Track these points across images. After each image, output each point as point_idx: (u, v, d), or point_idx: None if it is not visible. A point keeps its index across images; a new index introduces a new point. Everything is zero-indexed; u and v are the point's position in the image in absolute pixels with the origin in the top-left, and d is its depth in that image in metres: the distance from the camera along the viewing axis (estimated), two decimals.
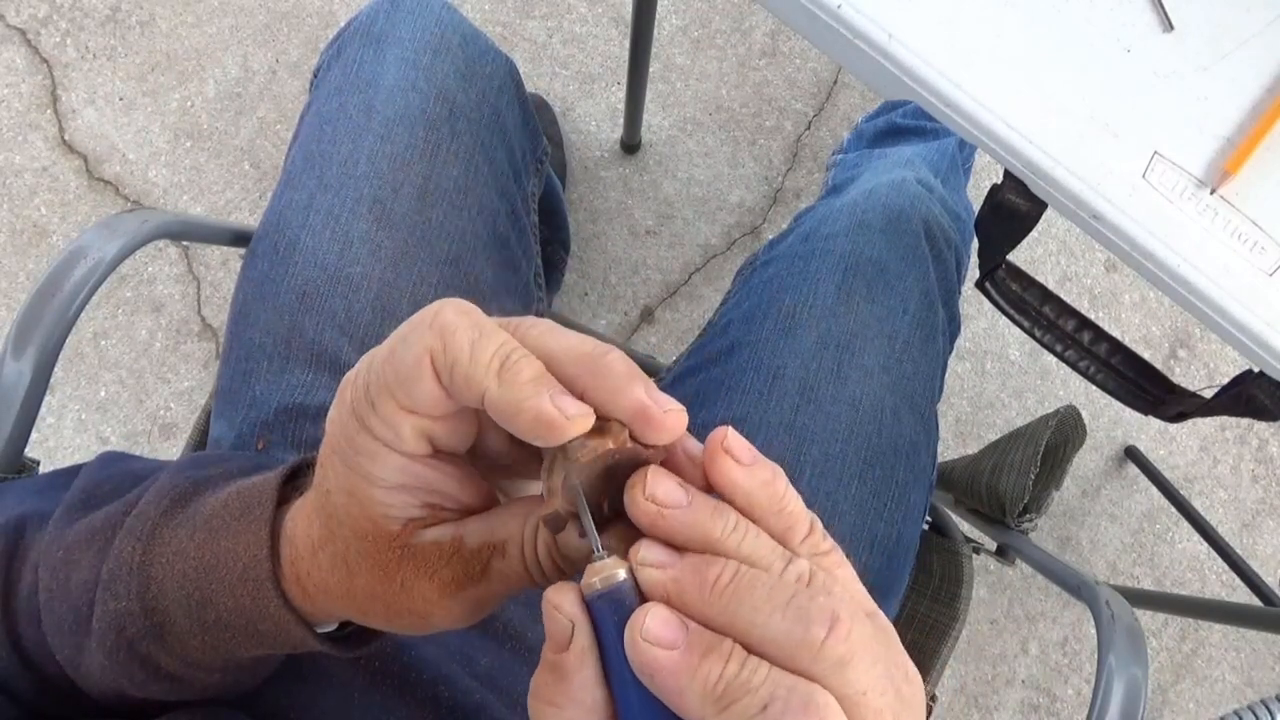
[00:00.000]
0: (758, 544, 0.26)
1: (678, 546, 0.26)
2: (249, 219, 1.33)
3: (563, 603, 0.25)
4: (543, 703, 0.25)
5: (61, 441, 1.27)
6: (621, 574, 0.25)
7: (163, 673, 0.34)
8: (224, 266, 1.32)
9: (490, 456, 0.31)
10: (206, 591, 0.32)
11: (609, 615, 0.25)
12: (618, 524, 0.28)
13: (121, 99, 1.33)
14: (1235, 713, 0.59)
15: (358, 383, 0.28)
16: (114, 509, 0.36)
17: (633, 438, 0.27)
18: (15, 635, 0.37)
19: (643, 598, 0.25)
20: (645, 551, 0.25)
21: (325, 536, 0.30)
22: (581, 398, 0.26)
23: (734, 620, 0.24)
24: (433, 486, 0.29)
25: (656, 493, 0.26)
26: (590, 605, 0.25)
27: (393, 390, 0.27)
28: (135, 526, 0.34)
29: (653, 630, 0.24)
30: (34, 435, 0.59)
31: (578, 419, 0.25)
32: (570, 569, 0.28)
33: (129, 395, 1.28)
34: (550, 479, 0.27)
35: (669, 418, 0.26)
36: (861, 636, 0.24)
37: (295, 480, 0.34)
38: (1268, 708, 0.59)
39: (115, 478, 0.39)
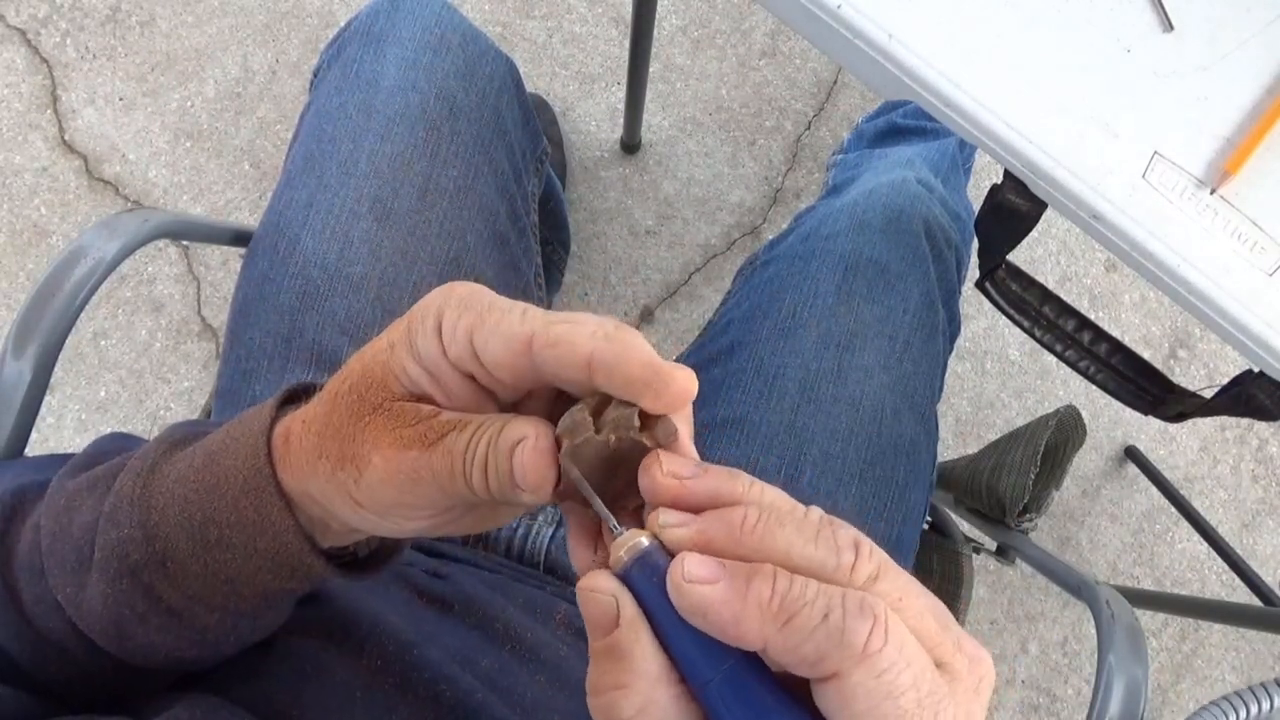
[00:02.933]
0: (776, 495, 0.27)
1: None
2: (249, 219, 1.33)
3: (597, 583, 0.26)
4: (608, 690, 0.25)
5: (61, 441, 1.27)
6: (645, 541, 0.26)
7: (163, 605, 0.35)
8: (224, 266, 1.32)
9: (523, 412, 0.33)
10: (208, 511, 0.33)
11: (644, 581, 0.26)
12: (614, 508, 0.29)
13: (121, 99, 1.33)
14: (1236, 692, 0.59)
15: (473, 293, 0.30)
16: (115, 462, 0.37)
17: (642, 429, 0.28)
18: (15, 594, 0.37)
19: (670, 559, 0.26)
20: (664, 516, 0.26)
21: (339, 375, 0.32)
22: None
23: (767, 558, 0.25)
24: (450, 389, 0.30)
25: (673, 468, 0.27)
26: (624, 579, 0.26)
27: (478, 325, 0.29)
28: (136, 466, 0.36)
29: (692, 570, 0.24)
30: (34, 435, 0.59)
31: (686, 372, 0.27)
32: (494, 463, 0.29)
33: (129, 395, 1.28)
34: (563, 437, 0.28)
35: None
36: (880, 554, 0.25)
37: (290, 406, 0.35)
38: (1267, 690, 0.59)
39: (121, 450, 0.40)
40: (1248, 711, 0.59)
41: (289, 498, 0.33)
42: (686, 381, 0.27)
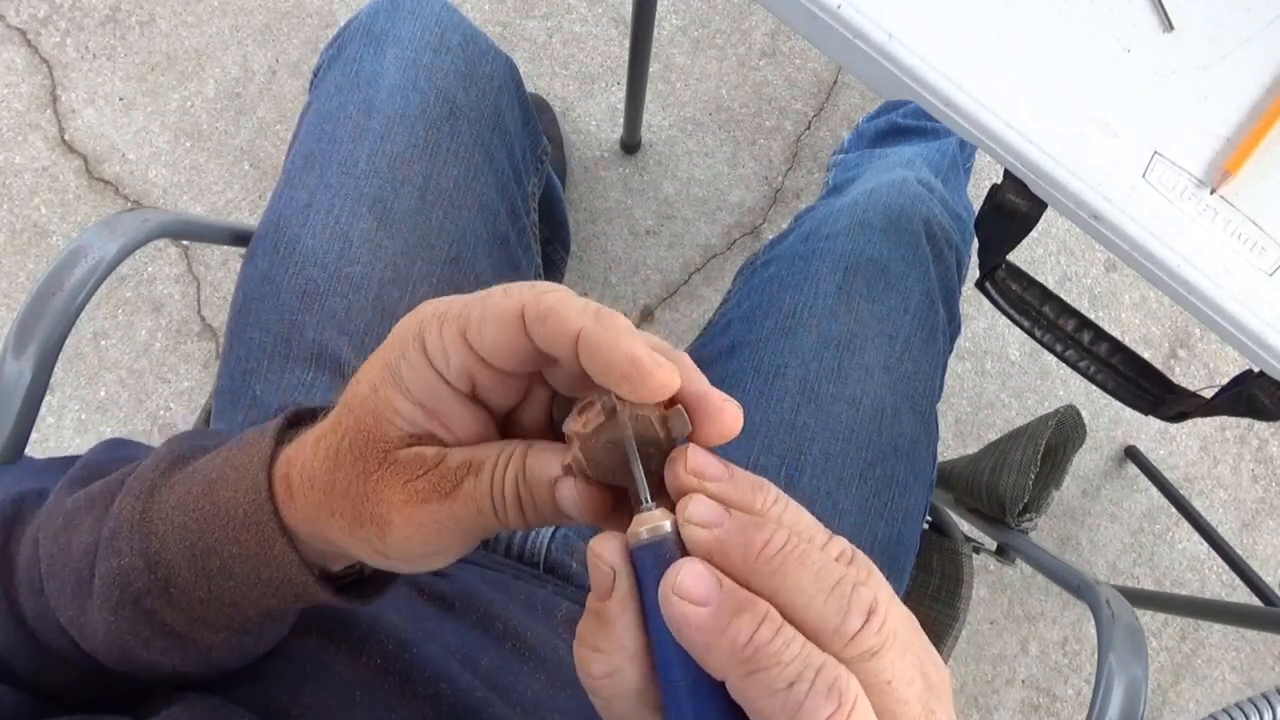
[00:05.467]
0: (799, 517, 0.26)
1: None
2: (249, 219, 1.33)
3: (604, 551, 0.26)
4: (587, 648, 0.26)
5: (61, 441, 1.27)
6: (667, 526, 0.26)
7: (167, 629, 0.34)
8: (224, 266, 1.32)
9: (520, 424, 0.32)
10: (210, 541, 0.33)
11: (650, 567, 0.25)
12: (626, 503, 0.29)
13: (121, 99, 1.33)
14: (1236, 704, 0.59)
15: (441, 305, 0.29)
16: (113, 478, 0.37)
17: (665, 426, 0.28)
18: (16, 607, 0.37)
19: (685, 552, 0.25)
20: (694, 507, 0.26)
21: (332, 425, 0.31)
22: None
23: (775, 591, 0.24)
24: (447, 417, 0.30)
25: (698, 466, 0.26)
26: (634, 555, 0.26)
27: (466, 323, 0.28)
28: (134, 487, 0.35)
29: (685, 585, 0.24)
30: (34, 435, 0.59)
31: (667, 369, 0.26)
32: (530, 498, 0.29)
33: (129, 395, 1.28)
34: (578, 426, 0.28)
35: (729, 407, 0.27)
36: (893, 627, 0.24)
37: (293, 429, 0.35)
38: (1269, 700, 0.59)
39: (119, 460, 0.40)
40: None
41: (292, 534, 0.32)
42: (666, 378, 0.26)
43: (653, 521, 0.26)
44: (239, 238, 0.71)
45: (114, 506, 0.35)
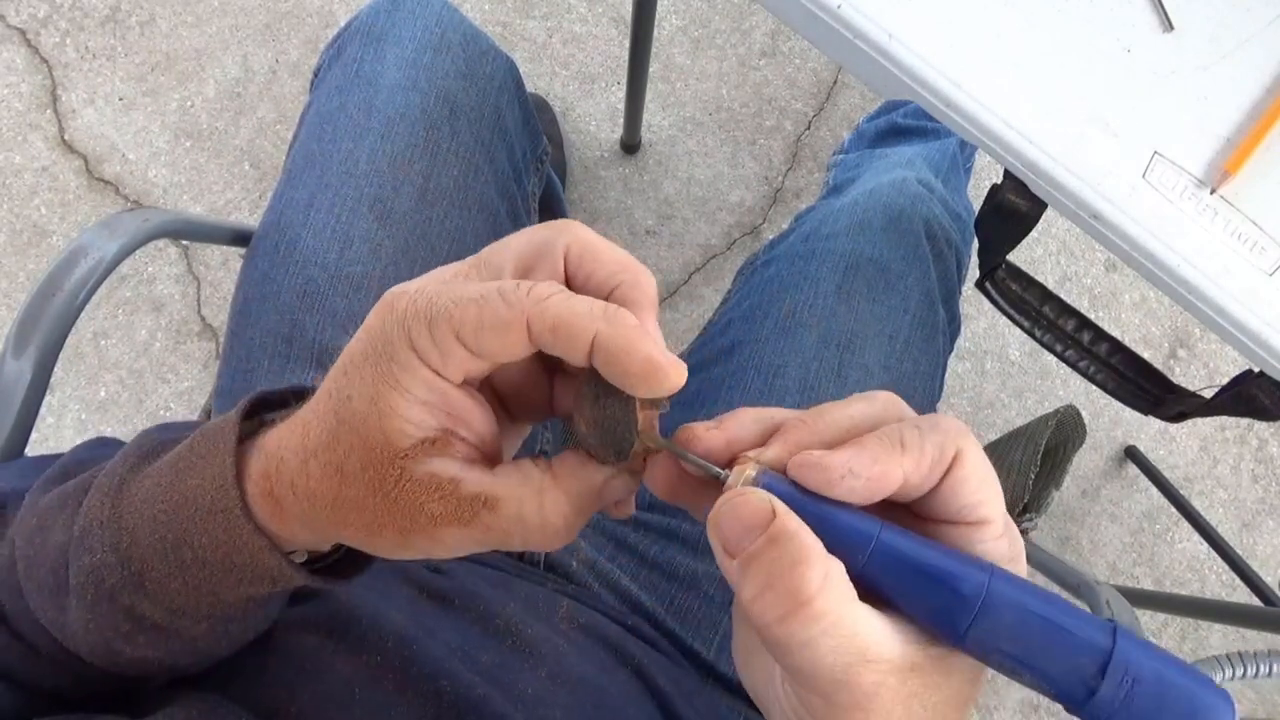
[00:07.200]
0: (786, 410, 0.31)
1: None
2: (249, 219, 1.33)
3: (745, 492, 0.27)
4: (785, 573, 0.26)
5: (61, 441, 1.27)
6: (753, 472, 0.28)
7: (147, 622, 0.34)
8: (224, 266, 1.32)
9: (507, 396, 0.33)
10: (179, 532, 0.32)
11: (774, 492, 0.27)
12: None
13: (121, 99, 1.33)
14: (1226, 655, 0.60)
15: (418, 300, 0.28)
16: (85, 476, 0.37)
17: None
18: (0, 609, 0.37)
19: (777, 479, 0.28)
20: (751, 451, 0.29)
21: (327, 443, 0.30)
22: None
23: (839, 433, 0.28)
24: (455, 410, 0.29)
25: (707, 424, 0.30)
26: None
27: (461, 330, 0.28)
28: (104, 483, 0.35)
29: (846, 459, 0.27)
30: (34, 435, 0.59)
31: (679, 367, 0.28)
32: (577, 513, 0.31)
33: (129, 395, 1.28)
34: (588, 411, 0.30)
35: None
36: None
37: (258, 414, 0.34)
38: (1255, 658, 0.59)
39: (99, 458, 0.39)
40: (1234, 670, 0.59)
41: (260, 522, 0.32)
42: (678, 377, 0.28)
43: (743, 473, 0.28)
44: (239, 238, 0.71)
45: (84, 504, 0.35)
